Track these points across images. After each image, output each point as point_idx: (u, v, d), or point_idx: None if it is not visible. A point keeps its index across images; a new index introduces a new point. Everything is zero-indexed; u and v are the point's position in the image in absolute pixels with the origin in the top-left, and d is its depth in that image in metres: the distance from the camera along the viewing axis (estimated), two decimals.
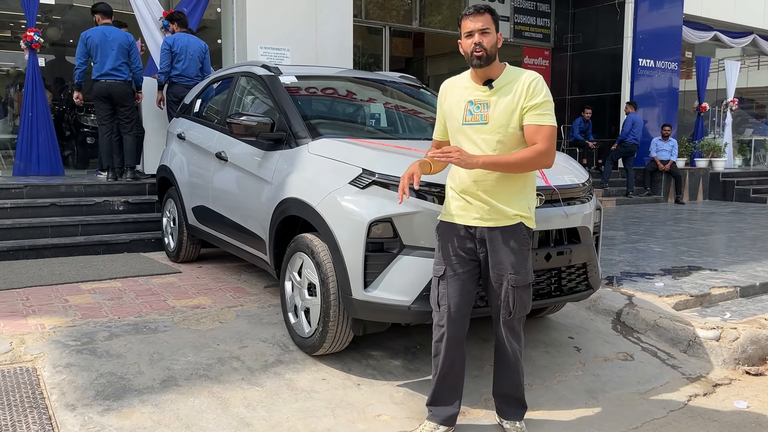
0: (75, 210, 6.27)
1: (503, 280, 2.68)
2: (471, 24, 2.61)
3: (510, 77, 2.65)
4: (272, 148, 4.01)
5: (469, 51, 2.62)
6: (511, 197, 2.66)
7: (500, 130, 2.61)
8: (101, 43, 6.68)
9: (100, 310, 4.06)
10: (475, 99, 2.66)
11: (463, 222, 2.69)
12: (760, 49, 15.19)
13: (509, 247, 2.66)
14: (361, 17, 10.91)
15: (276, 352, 3.57)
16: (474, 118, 2.65)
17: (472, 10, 2.63)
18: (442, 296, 2.73)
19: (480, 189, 2.64)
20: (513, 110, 2.60)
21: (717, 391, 3.52)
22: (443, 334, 2.76)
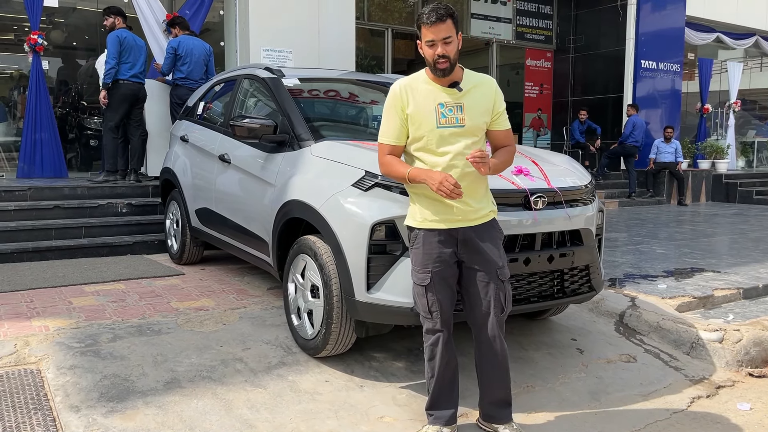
0: (78, 212, 6.29)
1: (492, 277, 2.68)
2: (432, 34, 2.55)
3: (473, 80, 2.69)
4: (275, 151, 4.02)
5: (432, 61, 2.58)
6: (484, 195, 2.73)
7: (476, 132, 2.65)
8: (133, 47, 6.77)
9: (103, 312, 4.08)
10: (445, 102, 2.62)
11: (447, 225, 2.65)
12: (762, 50, 15.18)
13: (492, 242, 2.70)
14: (364, 19, 10.94)
15: (279, 354, 3.58)
16: (449, 121, 2.61)
17: (433, 17, 2.52)
18: (433, 303, 2.70)
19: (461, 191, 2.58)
20: (486, 113, 2.66)
21: (720, 393, 3.51)
22: (438, 338, 2.75)
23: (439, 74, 2.59)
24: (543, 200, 3.26)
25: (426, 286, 2.68)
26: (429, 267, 2.67)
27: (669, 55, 12.48)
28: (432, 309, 2.71)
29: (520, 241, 3.23)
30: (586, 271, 3.54)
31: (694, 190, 12.38)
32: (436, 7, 2.55)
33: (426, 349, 2.81)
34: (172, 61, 6.96)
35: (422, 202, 2.68)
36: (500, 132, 2.74)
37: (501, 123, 2.72)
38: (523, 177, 3.33)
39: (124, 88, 6.78)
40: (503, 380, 2.82)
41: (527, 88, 13.21)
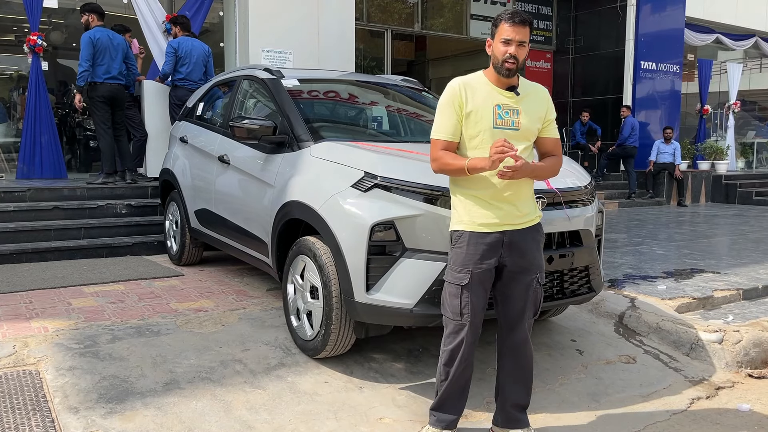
0: (78, 213, 6.28)
1: (532, 280, 2.69)
2: (512, 33, 2.55)
3: (528, 87, 2.72)
4: (274, 152, 4.02)
5: (501, 59, 2.57)
6: (530, 198, 2.73)
7: (529, 137, 2.68)
8: (108, 47, 6.63)
9: (102, 313, 4.07)
10: (502, 104, 2.62)
11: (495, 229, 2.63)
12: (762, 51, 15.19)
13: (536, 247, 2.72)
14: (363, 20, 10.94)
15: (278, 355, 3.57)
16: (505, 123, 2.62)
17: (517, 18, 2.56)
18: (465, 305, 2.64)
19: (511, 194, 2.62)
20: (539, 119, 2.70)
21: (720, 394, 3.51)
22: (462, 341, 2.67)
23: (504, 74, 2.59)
24: (543, 201, 3.24)
25: (463, 285, 2.63)
26: (470, 267, 2.63)
27: (668, 56, 12.49)
28: (464, 311, 2.64)
29: None
30: (585, 272, 3.54)
31: (693, 191, 12.38)
32: (520, 11, 2.63)
33: (444, 352, 2.73)
34: (173, 62, 6.95)
35: (470, 205, 2.66)
36: (550, 140, 2.77)
37: (551, 131, 2.76)
38: None
39: (101, 90, 6.66)
40: (528, 384, 2.82)
41: None
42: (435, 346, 3.81)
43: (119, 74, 6.75)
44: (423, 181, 3.17)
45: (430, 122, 4.89)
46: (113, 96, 6.74)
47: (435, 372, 3.51)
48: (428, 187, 3.14)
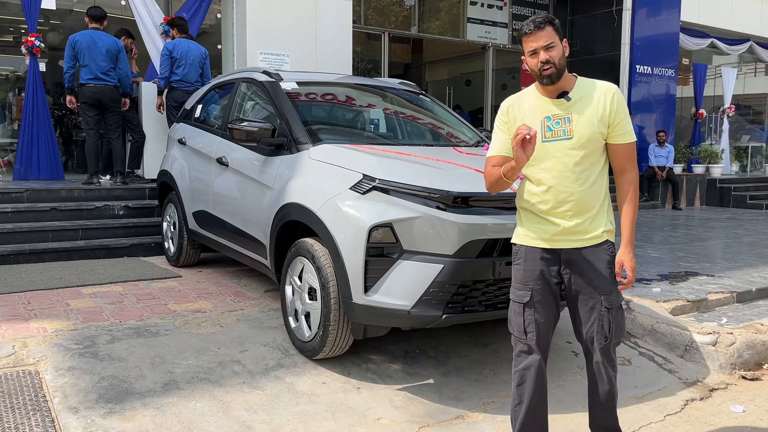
0: (75, 214, 6.29)
1: (596, 304, 2.49)
2: (533, 42, 2.42)
3: (586, 89, 2.49)
4: (273, 154, 4.05)
5: (537, 70, 2.44)
6: (597, 214, 2.50)
7: (585, 145, 2.45)
8: (90, 47, 6.60)
9: (101, 314, 4.09)
10: (552, 114, 2.47)
11: (549, 245, 2.50)
12: (756, 56, 15.27)
13: (598, 267, 2.49)
14: (361, 23, 10.97)
15: (276, 356, 3.60)
16: (555, 134, 2.46)
17: (531, 26, 2.43)
18: (529, 323, 2.50)
19: (566, 209, 2.47)
20: (597, 122, 2.45)
21: (714, 396, 3.55)
22: (531, 363, 2.53)
23: (546, 82, 2.44)
24: None
25: (524, 303, 2.51)
26: (530, 284, 2.51)
27: (664, 60, 12.55)
28: (528, 329, 2.51)
29: None
30: None
31: (688, 194, 12.45)
32: (534, 17, 2.47)
33: (516, 374, 2.58)
34: (169, 64, 6.96)
35: (526, 218, 2.57)
36: (618, 146, 2.49)
37: (617, 135, 2.47)
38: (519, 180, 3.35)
39: (86, 92, 6.67)
40: (606, 408, 2.65)
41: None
42: (432, 347, 3.85)
43: (103, 74, 6.65)
44: (421, 184, 3.21)
45: (427, 125, 4.97)
46: (98, 98, 6.69)
47: (432, 373, 3.57)
48: (426, 189, 3.18)
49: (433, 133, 4.89)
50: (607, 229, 2.53)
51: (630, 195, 2.54)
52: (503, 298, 3.30)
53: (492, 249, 3.21)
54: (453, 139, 4.70)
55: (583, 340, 2.58)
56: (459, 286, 3.15)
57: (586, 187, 2.46)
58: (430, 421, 3.08)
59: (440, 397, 3.32)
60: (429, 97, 5.27)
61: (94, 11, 6.87)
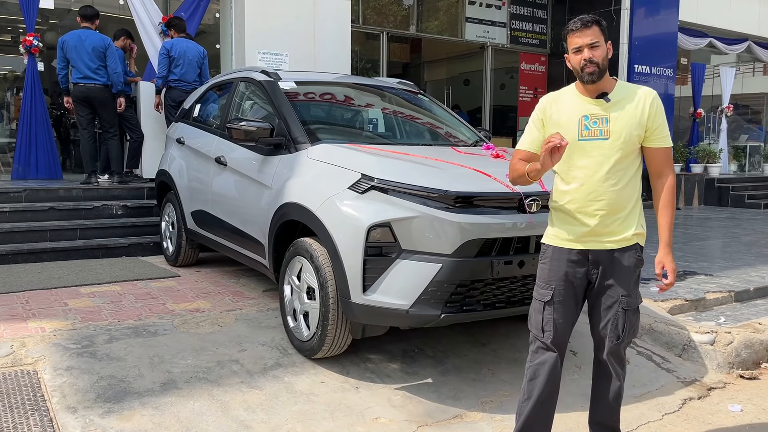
0: (74, 214, 6.28)
1: (614, 303, 2.53)
2: (579, 39, 2.46)
3: (626, 92, 2.52)
4: (272, 153, 4.05)
5: (579, 67, 2.46)
6: (628, 217, 2.52)
7: (621, 146, 2.47)
8: (76, 47, 6.60)
9: (99, 314, 4.09)
10: (590, 114, 2.49)
11: (578, 246, 2.52)
12: (754, 55, 15.27)
13: (624, 269, 2.52)
14: (359, 23, 10.97)
15: (275, 356, 3.60)
16: (592, 134, 2.48)
17: (578, 24, 2.46)
18: (548, 322, 2.55)
19: (597, 209, 2.48)
20: (635, 125, 2.47)
21: (711, 395, 3.56)
22: (547, 359, 2.58)
23: (587, 80, 2.47)
24: (537, 203, 3.29)
25: (545, 302, 2.55)
26: (552, 284, 2.55)
27: (662, 60, 12.56)
28: (546, 327, 2.55)
29: (515, 243, 3.27)
30: None
31: (687, 193, 12.46)
32: (582, 16, 2.51)
33: (529, 369, 2.62)
34: (167, 63, 6.95)
35: (556, 218, 2.60)
36: (655, 150, 2.52)
37: (655, 139, 2.51)
38: None
39: (74, 92, 6.71)
40: (611, 408, 2.68)
41: (521, 92, 13.25)
42: (430, 347, 3.85)
43: (92, 72, 6.62)
44: (419, 183, 3.21)
45: (425, 125, 4.97)
46: (87, 96, 6.68)
47: (431, 372, 3.57)
48: (425, 189, 3.18)
49: (431, 132, 4.89)
50: (638, 233, 2.55)
51: (667, 198, 2.56)
52: (501, 298, 3.31)
53: (490, 248, 3.21)
54: (451, 139, 4.70)
55: (596, 337, 2.62)
56: (457, 285, 3.15)
57: (618, 188, 2.48)
58: (428, 420, 3.09)
59: (439, 397, 3.33)
60: (427, 96, 5.27)
61: (85, 10, 6.86)
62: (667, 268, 2.53)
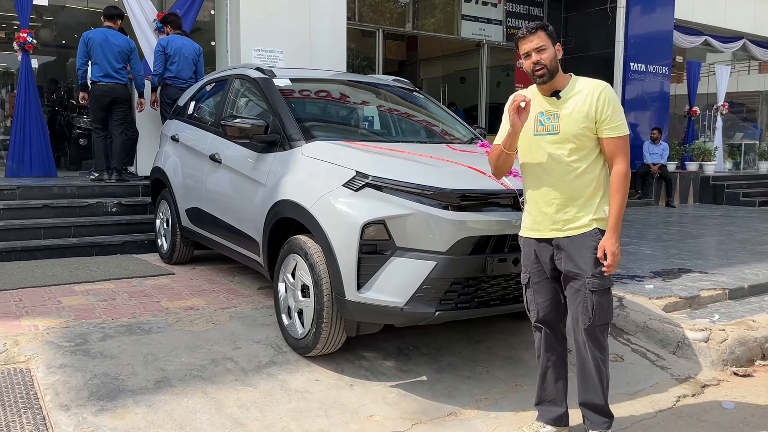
0: (68, 211, 6.26)
1: (581, 286, 2.68)
2: (526, 45, 2.69)
3: (577, 87, 2.70)
4: (266, 151, 4.04)
5: (530, 70, 2.69)
6: (585, 204, 2.69)
7: (572, 140, 2.65)
8: (102, 45, 6.63)
9: (93, 312, 4.07)
10: (545, 110, 2.72)
11: (538, 236, 2.76)
12: (750, 53, 15.31)
13: (585, 253, 2.67)
14: (355, 20, 10.95)
15: (269, 353, 3.59)
16: (545, 129, 2.71)
17: (524, 31, 2.70)
18: (530, 302, 2.87)
19: (553, 198, 2.70)
20: (584, 119, 2.64)
21: (705, 392, 3.56)
22: (538, 336, 2.89)
23: (538, 81, 2.69)
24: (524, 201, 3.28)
25: (525, 285, 2.88)
26: (528, 268, 2.84)
27: (657, 58, 12.57)
28: (530, 307, 2.88)
29: (510, 241, 3.26)
30: None
31: (682, 191, 12.48)
32: (529, 24, 2.76)
33: (535, 347, 2.95)
34: (162, 60, 6.93)
35: (525, 211, 2.86)
36: (606, 140, 2.65)
37: (604, 129, 2.64)
38: (512, 178, 3.36)
39: (95, 90, 6.74)
40: (594, 389, 2.78)
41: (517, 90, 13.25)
42: (425, 344, 3.85)
43: (115, 72, 6.71)
44: (414, 181, 3.20)
45: (421, 122, 4.96)
46: (108, 95, 6.72)
47: (425, 370, 3.58)
48: (419, 186, 3.18)
49: (426, 130, 4.88)
50: (597, 218, 2.69)
51: (615, 185, 2.68)
52: (496, 295, 3.31)
53: (485, 246, 3.21)
54: (447, 137, 4.70)
55: (570, 322, 2.79)
56: (452, 283, 3.15)
57: (571, 177, 2.67)
58: (422, 418, 3.08)
59: (433, 394, 3.33)
60: (423, 94, 5.26)
61: (109, 10, 6.93)
62: (607, 251, 2.63)
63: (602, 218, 2.69)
